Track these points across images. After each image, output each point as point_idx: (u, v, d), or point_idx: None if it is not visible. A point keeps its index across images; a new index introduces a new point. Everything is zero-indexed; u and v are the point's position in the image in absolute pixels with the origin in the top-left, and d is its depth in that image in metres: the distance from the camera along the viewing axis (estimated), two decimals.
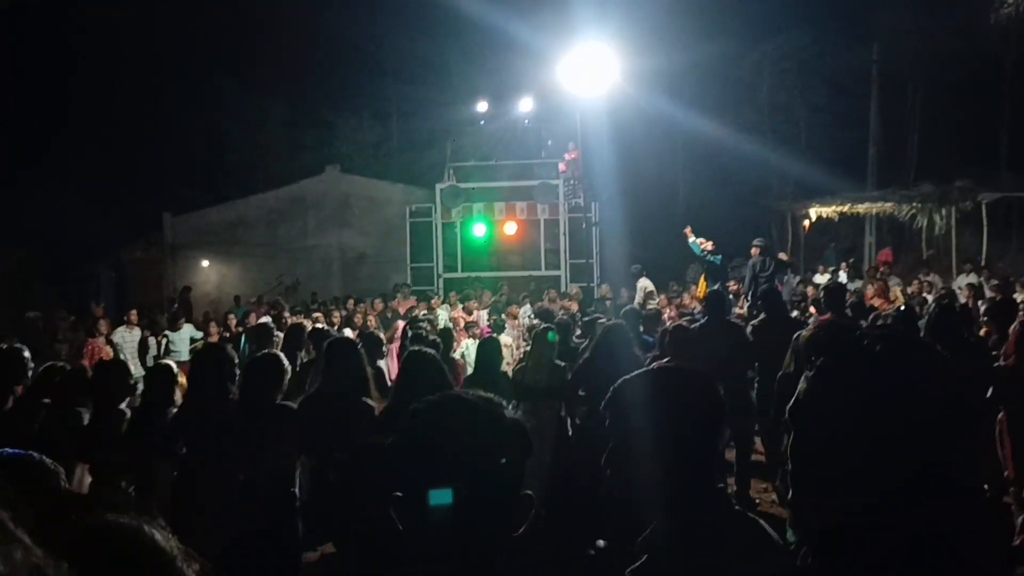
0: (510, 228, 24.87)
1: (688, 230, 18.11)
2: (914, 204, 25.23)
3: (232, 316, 17.47)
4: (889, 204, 25.95)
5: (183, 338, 15.97)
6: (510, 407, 1.93)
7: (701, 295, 16.98)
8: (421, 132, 35.18)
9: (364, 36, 36.84)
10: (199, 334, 16.25)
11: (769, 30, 32.29)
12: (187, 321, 16.84)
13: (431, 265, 25.29)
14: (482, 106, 33.61)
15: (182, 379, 7.70)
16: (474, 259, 25.01)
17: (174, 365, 7.35)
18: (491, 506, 1.79)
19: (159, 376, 6.93)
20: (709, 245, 17.12)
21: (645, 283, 19.00)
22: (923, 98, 32.27)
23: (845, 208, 26.44)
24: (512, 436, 1.86)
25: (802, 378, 1.71)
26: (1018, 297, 15.81)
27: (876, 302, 15.53)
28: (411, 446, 1.87)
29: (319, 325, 14.07)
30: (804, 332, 5.36)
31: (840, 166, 29.90)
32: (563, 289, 22.36)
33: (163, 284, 27.10)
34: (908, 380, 1.58)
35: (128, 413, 6.80)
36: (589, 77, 18.65)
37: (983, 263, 22.54)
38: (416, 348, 6.85)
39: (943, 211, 24.49)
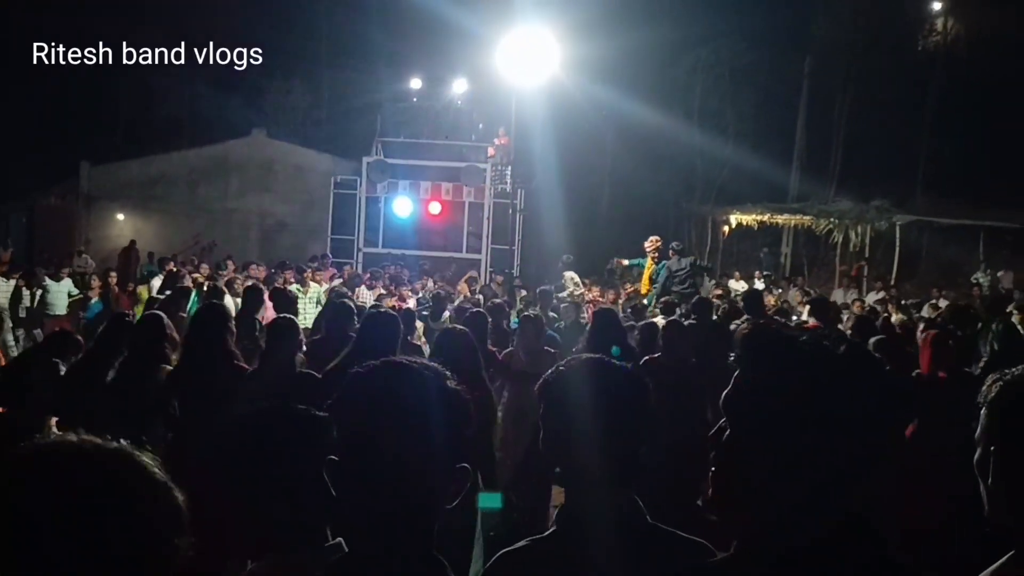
0: (434, 208, 24.80)
1: (616, 262, 17.97)
2: (832, 220, 25.76)
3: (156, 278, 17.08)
4: (808, 218, 26.47)
5: (61, 291, 15.60)
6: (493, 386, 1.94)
7: (645, 291, 17.01)
8: (352, 104, 34.82)
9: (301, 3, 36.37)
10: (76, 290, 15.93)
11: (706, 34, 32.57)
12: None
13: (352, 238, 25.10)
14: (415, 83, 33.39)
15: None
16: (396, 236, 24.88)
17: (164, 316, 6.80)
18: (425, 474, 1.79)
19: (150, 328, 6.43)
20: (659, 243, 16.96)
21: (572, 275, 19.00)
22: (849, 116, 32.90)
23: (765, 217, 26.89)
24: (452, 406, 1.86)
25: (738, 371, 1.73)
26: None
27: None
28: (349, 410, 1.86)
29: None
30: (741, 328, 5.44)
31: (763, 175, 30.35)
32: (482, 273, 22.40)
33: (75, 233, 26.47)
34: (848, 379, 1.62)
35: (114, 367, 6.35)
36: (526, 63, 18.60)
37: (892, 282, 23.14)
38: (452, 326, 6.64)
39: (859, 229, 25.04)
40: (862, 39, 31.84)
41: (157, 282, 16.02)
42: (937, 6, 34.05)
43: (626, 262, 17.75)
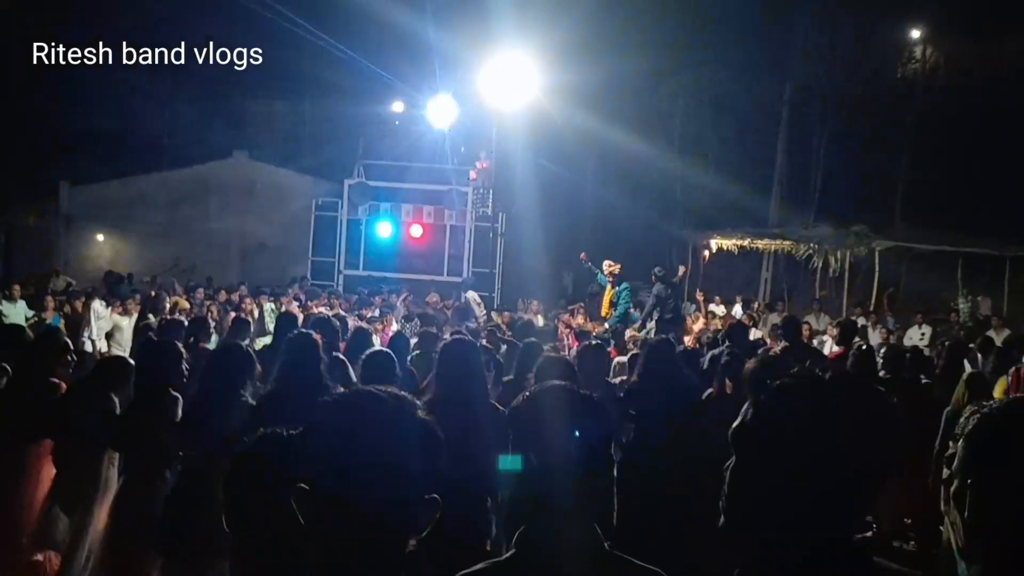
0: (416, 231, 24.81)
1: (584, 256, 18.18)
2: (812, 245, 25.87)
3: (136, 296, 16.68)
4: (788, 243, 26.57)
5: (19, 313, 15.36)
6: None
7: (604, 313, 17.10)
8: (334, 126, 34.81)
9: (284, 25, 36.36)
10: (31, 312, 15.70)
11: (687, 61, 32.81)
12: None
13: (333, 260, 25.06)
14: (397, 106, 33.44)
15: None
16: (377, 259, 24.87)
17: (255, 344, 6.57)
18: (393, 504, 1.79)
19: (232, 356, 6.01)
20: (616, 268, 17.12)
21: (473, 295, 18.97)
22: (828, 143, 33.12)
23: (745, 242, 26.97)
24: (424, 437, 1.86)
25: (747, 403, 1.76)
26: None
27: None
28: (320, 440, 1.85)
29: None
30: (750, 362, 5.42)
31: (744, 201, 30.53)
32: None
33: (53, 254, 26.35)
34: (854, 415, 1.65)
35: (180, 399, 6.08)
36: (507, 88, 18.71)
37: (872, 307, 23.24)
38: (552, 355, 6.41)
39: (838, 254, 25.17)
40: (840, 67, 32.14)
41: (98, 305, 15.53)
42: (915, 35, 34.39)
43: (589, 264, 17.89)
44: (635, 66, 30.35)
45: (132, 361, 6.83)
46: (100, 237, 27.27)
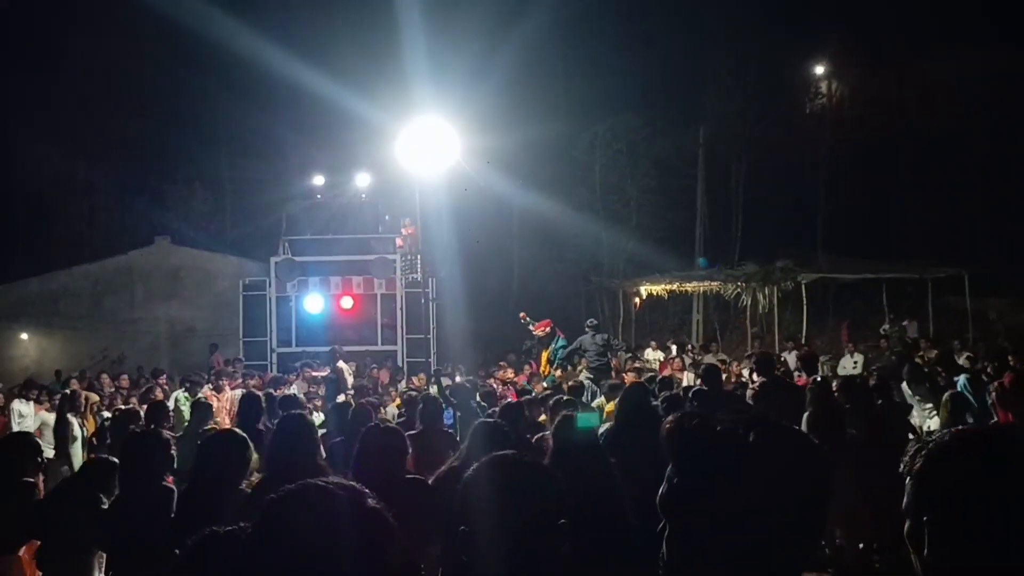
0: (346, 302, 24.57)
1: (523, 315, 18.49)
2: (739, 283, 26.14)
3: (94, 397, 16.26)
4: (716, 283, 26.85)
5: None
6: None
7: (544, 371, 17.20)
8: (256, 204, 34.62)
9: (198, 106, 36.24)
10: None
11: (602, 112, 33.27)
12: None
13: (265, 340, 24.73)
14: (318, 179, 33.37)
15: None
16: (309, 334, 24.55)
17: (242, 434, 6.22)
18: None
19: (226, 445, 5.58)
20: (542, 328, 17.37)
21: (344, 365, 18.77)
22: (746, 181, 33.71)
23: (674, 286, 27.20)
24: (373, 527, 1.83)
25: (670, 467, 1.77)
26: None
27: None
28: (269, 537, 1.82)
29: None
30: (666, 423, 5.39)
31: (669, 244, 30.93)
32: (400, 364, 22.27)
33: None
34: (777, 466, 1.65)
35: (175, 491, 5.75)
36: (427, 153, 18.74)
37: (803, 340, 23.53)
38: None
39: (766, 290, 25.48)
40: (751, 106, 32.82)
41: (19, 405, 15.11)
42: (820, 71, 35.28)
43: (527, 321, 18.16)
44: (551, 122, 30.72)
45: (116, 460, 6.58)
46: (24, 336, 26.73)
